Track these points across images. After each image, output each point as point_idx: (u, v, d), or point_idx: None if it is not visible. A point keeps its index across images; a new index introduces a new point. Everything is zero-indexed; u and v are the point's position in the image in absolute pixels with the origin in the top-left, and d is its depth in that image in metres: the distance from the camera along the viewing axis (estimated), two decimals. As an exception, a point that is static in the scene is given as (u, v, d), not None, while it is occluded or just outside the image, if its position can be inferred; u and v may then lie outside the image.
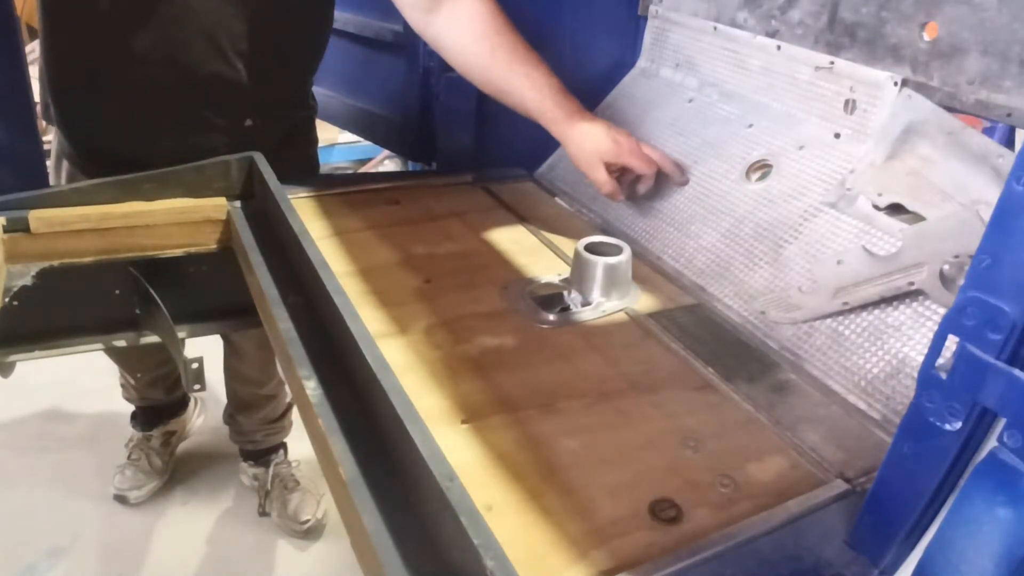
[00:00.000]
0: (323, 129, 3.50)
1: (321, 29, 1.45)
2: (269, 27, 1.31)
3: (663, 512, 0.73)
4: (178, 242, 1.19)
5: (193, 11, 1.23)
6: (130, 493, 2.05)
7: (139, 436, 2.13)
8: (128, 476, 2.07)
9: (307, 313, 0.93)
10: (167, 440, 2.16)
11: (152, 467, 2.10)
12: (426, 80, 1.48)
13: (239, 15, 1.27)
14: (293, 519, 2.01)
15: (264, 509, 2.06)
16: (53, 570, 1.84)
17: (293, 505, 2.03)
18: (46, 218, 1.09)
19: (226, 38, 1.28)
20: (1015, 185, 0.52)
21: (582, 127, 1.21)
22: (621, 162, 1.21)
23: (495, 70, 1.22)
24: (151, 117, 1.31)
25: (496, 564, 0.53)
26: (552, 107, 1.21)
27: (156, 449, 2.12)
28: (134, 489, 2.06)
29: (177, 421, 2.21)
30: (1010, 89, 0.94)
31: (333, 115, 1.82)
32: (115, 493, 2.05)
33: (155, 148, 1.28)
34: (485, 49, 1.21)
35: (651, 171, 1.23)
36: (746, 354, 1.01)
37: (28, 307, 1.12)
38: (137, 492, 2.06)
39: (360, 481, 0.68)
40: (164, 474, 2.13)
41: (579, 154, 1.22)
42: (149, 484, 2.08)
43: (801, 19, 1.20)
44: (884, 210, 1.02)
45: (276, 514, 2.04)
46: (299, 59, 1.44)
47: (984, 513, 0.55)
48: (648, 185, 1.26)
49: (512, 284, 1.14)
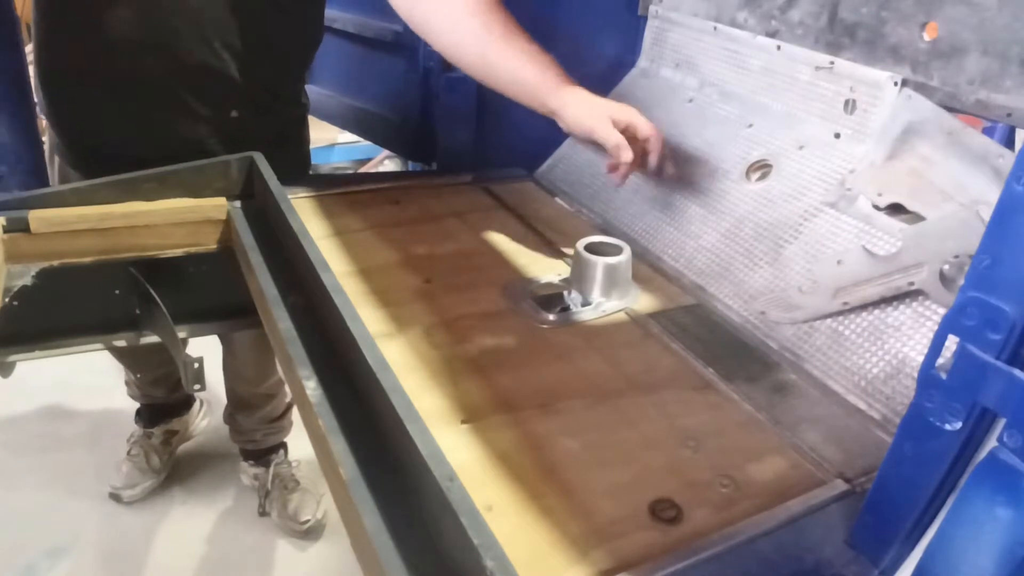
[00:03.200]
0: (323, 129, 3.49)
1: (311, 25, 1.45)
2: (256, 18, 1.32)
3: (663, 512, 0.73)
4: (178, 242, 1.19)
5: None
6: (124, 492, 2.05)
7: (140, 433, 2.13)
8: (124, 473, 2.07)
9: (307, 313, 0.93)
10: (168, 439, 2.16)
11: (150, 465, 2.09)
12: (426, 80, 1.48)
13: (227, 5, 1.28)
14: (293, 519, 2.01)
15: (264, 509, 2.06)
16: (53, 570, 1.84)
17: (293, 505, 2.02)
18: (46, 218, 1.09)
19: (213, 28, 1.28)
20: (1015, 185, 0.52)
21: (585, 92, 1.19)
22: (628, 118, 1.18)
23: (491, 44, 1.17)
24: (137, 106, 1.31)
25: (496, 564, 0.53)
26: (554, 76, 1.18)
27: (156, 447, 2.12)
28: (128, 488, 2.05)
29: (180, 421, 2.21)
30: (1010, 89, 0.94)
31: (333, 115, 1.82)
32: (110, 491, 2.05)
33: (141, 139, 1.31)
34: (478, 24, 1.18)
35: (655, 135, 1.20)
36: (746, 354, 1.01)
37: (28, 307, 1.12)
38: (131, 491, 2.06)
39: (360, 481, 0.68)
40: (161, 473, 2.12)
41: (589, 111, 1.18)
42: (144, 483, 2.08)
43: (801, 19, 1.20)
44: (884, 210, 1.02)
45: (276, 514, 2.04)
46: (287, 53, 1.44)
47: (984, 513, 0.55)
48: (656, 157, 1.22)
49: (512, 284, 1.14)
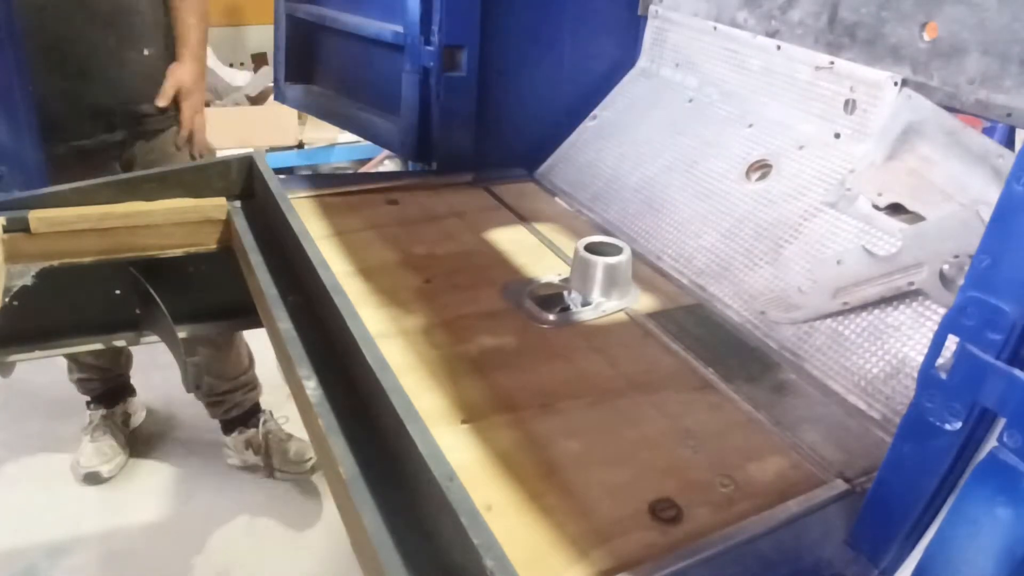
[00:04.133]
0: (323, 129, 3.48)
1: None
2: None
3: (663, 512, 0.73)
4: (178, 242, 1.19)
5: None
6: (103, 468, 2.09)
7: (100, 415, 2.17)
8: (95, 451, 2.11)
9: (307, 313, 0.93)
10: (126, 419, 2.24)
11: (117, 442, 2.15)
12: (426, 80, 1.48)
13: None
14: (298, 463, 2.09)
15: (269, 469, 2.12)
16: (53, 570, 1.84)
17: (293, 450, 2.11)
18: (46, 218, 1.09)
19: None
20: (1015, 185, 0.52)
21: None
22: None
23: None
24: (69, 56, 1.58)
25: (496, 564, 0.53)
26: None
27: (119, 426, 2.19)
28: (105, 464, 2.10)
29: (132, 403, 2.29)
30: (1010, 89, 0.94)
31: (333, 115, 1.82)
32: (85, 473, 2.08)
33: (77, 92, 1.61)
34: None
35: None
36: (746, 354, 1.01)
37: (28, 307, 1.12)
38: (109, 466, 2.10)
39: (360, 481, 0.68)
40: (126, 450, 2.18)
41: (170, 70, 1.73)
42: (117, 458, 2.13)
43: (801, 19, 1.20)
44: (884, 210, 1.02)
45: (279, 463, 2.11)
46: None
47: (984, 513, 0.55)
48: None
49: (512, 284, 1.14)
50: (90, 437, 2.14)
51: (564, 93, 1.57)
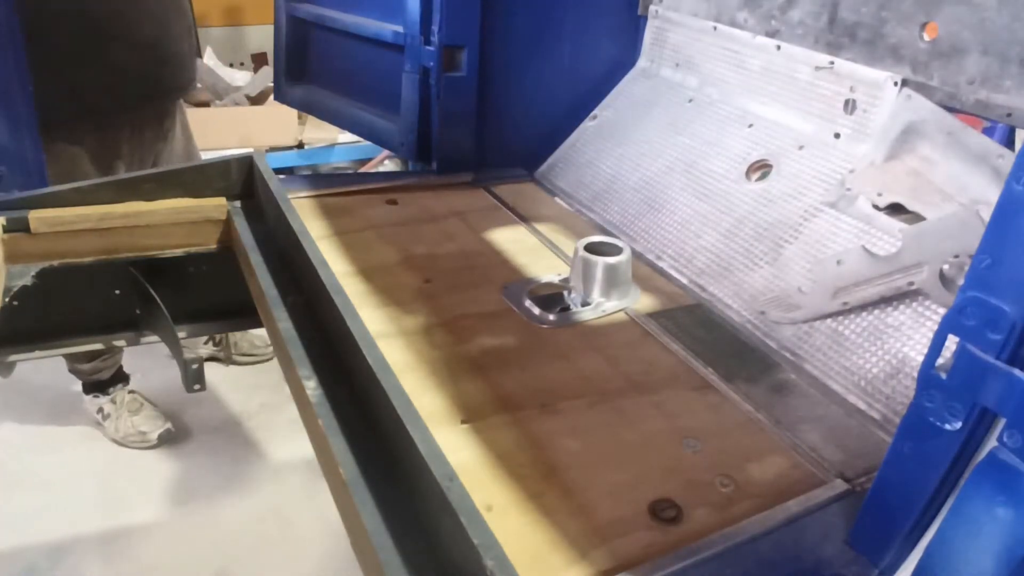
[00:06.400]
0: (323, 129, 3.48)
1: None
2: None
3: (663, 512, 0.73)
4: (178, 242, 1.19)
5: None
6: (167, 424, 2.16)
7: (126, 390, 2.23)
8: (143, 418, 2.16)
9: (307, 313, 0.93)
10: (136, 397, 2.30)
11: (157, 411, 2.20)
12: (426, 80, 1.48)
13: None
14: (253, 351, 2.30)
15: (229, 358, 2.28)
16: (53, 570, 1.84)
17: (248, 344, 2.30)
18: (46, 218, 1.09)
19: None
20: (1015, 185, 0.52)
21: None
22: None
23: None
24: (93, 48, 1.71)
25: (496, 564, 0.53)
26: None
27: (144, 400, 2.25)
28: (165, 421, 2.17)
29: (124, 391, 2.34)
30: (1010, 89, 0.94)
31: (333, 115, 1.82)
32: (160, 432, 2.13)
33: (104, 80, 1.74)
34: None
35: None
36: (746, 354, 1.01)
37: (28, 307, 1.12)
38: (168, 426, 2.17)
39: (360, 481, 0.68)
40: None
41: None
42: (167, 424, 2.18)
43: (801, 19, 1.20)
44: (884, 210, 1.02)
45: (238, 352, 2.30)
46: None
47: (984, 513, 0.55)
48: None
49: (512, 284, 1.14)
50: (128, 411, 2.20)
51: (564, 93, 1.57)
